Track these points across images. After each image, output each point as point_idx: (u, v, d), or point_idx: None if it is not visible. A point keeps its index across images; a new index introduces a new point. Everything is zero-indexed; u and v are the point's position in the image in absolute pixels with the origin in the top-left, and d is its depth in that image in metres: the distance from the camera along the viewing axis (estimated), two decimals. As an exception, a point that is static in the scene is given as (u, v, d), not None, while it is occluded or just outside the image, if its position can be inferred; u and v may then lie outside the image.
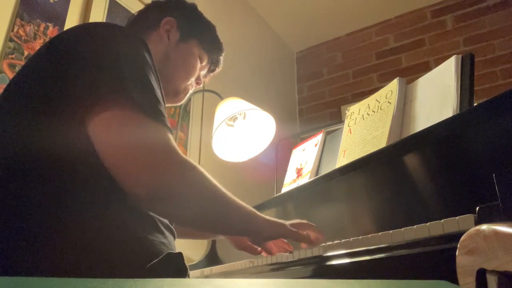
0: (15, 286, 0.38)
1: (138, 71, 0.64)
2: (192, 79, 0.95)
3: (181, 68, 0.91)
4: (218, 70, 1.03)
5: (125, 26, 0.95)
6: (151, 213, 0.65)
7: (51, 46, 0.67)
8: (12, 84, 0.67)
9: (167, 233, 0.67)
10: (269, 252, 0.92)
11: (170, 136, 0.63)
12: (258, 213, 0.79)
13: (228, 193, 0.72)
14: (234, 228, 0.78)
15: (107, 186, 0.60)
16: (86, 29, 0.70)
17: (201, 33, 0.95)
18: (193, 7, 0.98)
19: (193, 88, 0.98)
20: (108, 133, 0.59)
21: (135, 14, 0.97)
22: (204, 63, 0.97)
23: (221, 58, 1.01)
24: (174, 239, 0.70)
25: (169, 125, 0.65)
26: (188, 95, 0.98)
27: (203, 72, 0.99)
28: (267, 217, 0.81)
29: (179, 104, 0.97)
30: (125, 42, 0.67)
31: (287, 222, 0.85)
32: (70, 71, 0.62)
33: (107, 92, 0.60)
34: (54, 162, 0.58)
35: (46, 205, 0.56)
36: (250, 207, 0.78)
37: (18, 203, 0.56)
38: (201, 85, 1.01)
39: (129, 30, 0.74)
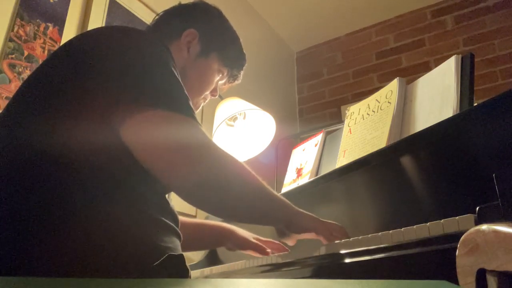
0: (15, 286, 0.38)
1: (164, 72, 0.66)
2: (207, 93, 0.93)
3: (197, 84, 0.89)
4: (237, 82, 1.00)
5: (147, 29, 0.93)
6: (159, 217, 0.65)
7: (70, 49, 0.68)
8: (26, 88, 0.67)
9: (173, 238, 0.66)
10: (293, 243, 0.88)
11: (203, 130, 0.67)
12: (290, 203, 0.79)
13: (263, 182, 0.73)
14: (269, 215, 0.77)
15: (115, 188, 0.60)
16: (106, 33, 0.70)
17: (223, 48, 0.92)
18: (218, 17, 0.94)
19: (207, 100, 0.96)
20: (145, 133, 0.61)
21: (159, 16, 0.94)
22: (223, 75, 0.94)
23: (242, 72, 0.98)
24: (180, 241, 0.70)
25: (196, 117, 0.68)
26: (200, 107, 0.96)
27: (221, 82, 0.96)
28: (301, 210, 0.81)
29: None
30: (149, 45, 0.68)
31: (321, 220, 0.82)
32: (93, 75, 0.62)
33: (137, 94, 0.62)
34: (63, 164, 0.58)
35: (52, 206, 0.56)
36: (283, 198, 0.78)
37: (24, 203, 0.56)
38: (217, 96, 0.99)
39: (151, 35, 0.74)
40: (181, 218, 1.02)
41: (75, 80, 0.62)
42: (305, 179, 1.30)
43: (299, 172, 1.38)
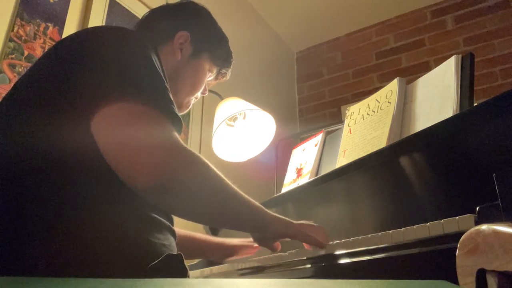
0: (15, 286, 0.38)
1: (142, 68, 0.64)
2: (198, 93, 0.94)
3: (189, 84, 0.90)
4: (225, 79, 1.02)
5: (135, 29, 0.93)
6: (153, 214, 0.65)
7: (59, 48, 0.68)
8: (18, 86, 0.67)
9: (168, 235, 0.67)
10: (275, 250, 0.89)
11: (172, 127, 0.63)
12: (265, 209, 0.78)
13: (234, 186, 0.71)
14: (240, 221, 0.76)
15: (109, 186, 0.60)
16: (93, 32, 0.70)
17: (214, 48, 0.93)
18: (208, 18, 0.95)
19: (198, 98, 0.97)
20: (110, 126, 0.59)
21: (147, 15, 0.94)
22: (212, 74, 0.96)
23: (230, 70, 1.00)
24: (175, 240, 0.70)
25: (176, 111, 0.64)
26: (190, 106, 0.97)
27: (210, 79, 0.97)
28: (275, 214, 0.79)
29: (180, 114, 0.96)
30: (132, 43, 0.67)
31: (295, 222, 0.82)
32: (77, 72, 0.62)
33: (110, 88, 0.60)
34: (56, 162, 0.58)
35: (47, 206, 0.56)
36: (257, 203, 0.76)
37: (19, 203, 0.56)
38: (207, 94, 1.01)
39: (137, 33, 0.74)
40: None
41: (66, 80, 0.62)
42: (305, 179, 1.30)
43: (299, 172, 1.38)
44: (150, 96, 0.62)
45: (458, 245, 0.46)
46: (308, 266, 0.83)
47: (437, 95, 0.95)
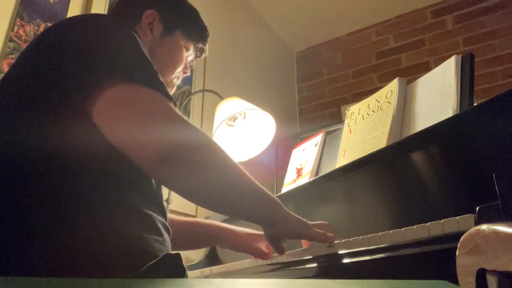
0: (15, 286, 0.38)
1: (131, 51, 0.65)
2: (179, 70, 0.94)
3: (168, 62, 0.90)
4: (204, 55, 1.01)
5: (110, 15, 0.92)
6: (147, 211, 0.65)
7: (41, 40, 0.68)
8: (3, 83, 0.67)
9: (163, 231, 0.67)
10: (281, 252, 0.82)
11: (171, 104, 0.65)
12: (282, 205, 0.74)
13: (248, 175, 0.70)
14: (250, 210, 0.72)
15: (104, 184, 0.60)
16: (75, 20, 0.70)
17: (185, 23, 0.92)
18: None
19: (180, 78, 0.97)
20: (111, 110, 0.61)
21: (115, 3, 0.93)
22: (190, 52, 0.95)
23: (207, 44, 0.99)
24: (169, 236, 0.70)
25: (169, 93, 0.67)
26: (175, 87, 0.96)
27: (190, 59, 0.97)
28: (291, 212, 0.76)
29: None
30: (115, 28, 0.68)
31: (311, 223, 0.78)
32: (64, 62, 0.62)
33: (103, 75, 0.61)
34: (50, 160, 0.58)
35: (43, 205, 0.56)
36: (274, 197, 0.74)
37: (14, 203, 0.56)
38: (189, 73, 1.00)
39: (117, 19, 0.74)
40: (175, 216, 1.01)
41: (51, 71, 0.62)
42: (305, 179, 1.30)
43: (299, 172, 1.38)
44: (147, 78, 0.64)
45: (458, 245, 0.46)
46: (308, 266, 0.83)
47: (437, 95, 0.95)
